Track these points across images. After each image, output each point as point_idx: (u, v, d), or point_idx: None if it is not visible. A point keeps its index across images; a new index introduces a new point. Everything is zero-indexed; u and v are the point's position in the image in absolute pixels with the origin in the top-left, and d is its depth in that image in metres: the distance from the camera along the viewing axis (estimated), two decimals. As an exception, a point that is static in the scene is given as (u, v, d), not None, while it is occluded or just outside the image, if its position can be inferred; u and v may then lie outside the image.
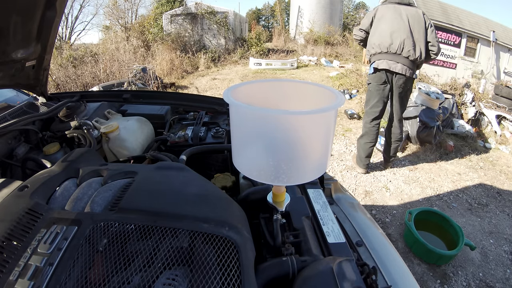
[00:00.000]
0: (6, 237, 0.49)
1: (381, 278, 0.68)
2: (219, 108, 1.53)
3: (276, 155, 0.50)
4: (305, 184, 0.85)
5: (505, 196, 2.89)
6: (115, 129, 1.16)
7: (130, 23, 11.89)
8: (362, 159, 3.00)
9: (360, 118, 4.71)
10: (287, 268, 0.52)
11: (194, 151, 1.03)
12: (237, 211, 0.62)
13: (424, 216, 2.18)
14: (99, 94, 1.91)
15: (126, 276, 0.44)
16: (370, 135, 2.85)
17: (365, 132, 2.87)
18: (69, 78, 6.62)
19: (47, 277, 0.44)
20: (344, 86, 6.50)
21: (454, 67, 7.75)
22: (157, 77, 6.84)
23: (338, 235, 0.66)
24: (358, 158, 3.06)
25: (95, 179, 0.70)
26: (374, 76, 2.66)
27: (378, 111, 2.76)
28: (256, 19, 25.18)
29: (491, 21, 8.08)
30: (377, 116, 2.78)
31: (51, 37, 1.25)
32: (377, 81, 2.65)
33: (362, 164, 3.04)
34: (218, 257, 0.47)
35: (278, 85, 0.64)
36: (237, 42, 11.28)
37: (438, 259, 1.97)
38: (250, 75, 8.25)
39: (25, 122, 1.19)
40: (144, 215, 0.54)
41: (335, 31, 14.09)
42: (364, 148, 2.92)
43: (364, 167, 3.06)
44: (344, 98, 0.52)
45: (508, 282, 1.93)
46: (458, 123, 4.26)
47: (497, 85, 5.88)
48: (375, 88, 2.69)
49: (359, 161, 3.05)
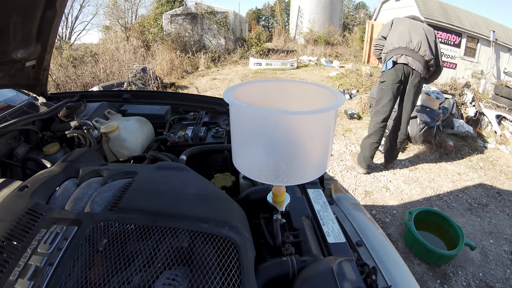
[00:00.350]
0: (6, 237, 0.49)
1: (381, 278, 0.68)
2: (219, 108, 1.53)
3: (276, 155, 0.50)
4: (305, 184, 0.85)
5: (505, 196, 2.89)
6: (115, 129, 1.16)
7: (130, 23, 11.89)
8: (366, 159, 2.95)
9: (360, 118, 4.71)
10: (287, 268, 0.52)
11: (194, 151, 1.03)
12: (237, 211, 0.62)
13: (424, 216, 2.18)
14: (99, 94, 1.91)
15: (126, 276, 0.44)
16: (377, 135, 2.80)
17: (373, 132, 2.81)
18: (69, 78, 6.62)
19: (47, 277, 0.44)
20: (344, 86, 6.50)
21: (454, 67, 7.76)
22: (157, 77, 6.84)
23: (338, 235, 0.66)
24: (361, 157, 3.00)
25: (95, 179, 0.70)
26: (390, 74, 2.59)
27: (388, 111, 2.71)
28: (256, 19, 25.18)
29: (491, 21, 8.09)
30: (387, 116, 2.74)
31: (51, 37, 1.25)
32: (392, 79, 2.59)
33: (365, 164, 3.00)
34: (218, 257, 0.47)
35: (278, 85, 0.64)
36: (237, 42, 11.28)
37: (438, 259, 1.97)
38: (250, 75, 8.25)
39: (25, 122, 1.19)
40: (144, 215, 0.54)
41: (335, 31, 14.10)
42: (370, 148, 2.87)
43: (366, 167, 3.03)
44: (344, 98, 0.52)
45: (508, 282, 1.93)
46: (458, 123, 4.26)
47: (497, 85, 5.88)
48: (390, 86, 2.63)
49: (362, 161, 3.00)
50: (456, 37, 7.63)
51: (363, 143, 2.94)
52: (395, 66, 2.57)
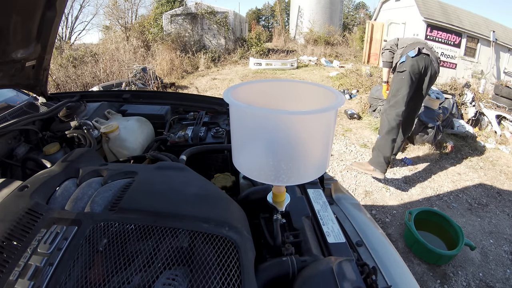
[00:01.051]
0: (6, 237, 0.49)
1: (381, 278, 0.68)
2: (219, 108, 1.53)
3: (276, 155, 0.50)
4: (305, 184, 0.85)
5: (505, 196, 2.89)
6: (115, 129, 1.16)
7: (130, 23, 11.88)
8: (386, 159, 2.67)
9: (360, 118, 4.71)
10: (287, 268, 0.52)
11: (194, 151, 1.03)
12: (237, 211, 0.62)
13: (424, 216, 2.18)
14: (99, 94, 1.91)
15: (126, 276, 0.44)
16: (397, 129, 2.60)
17: (393, 127, 2.58)
18: (69, 78, 6.62)
19: (47, 277, 0.44)
20: (344, 86, 6.50)
21: (454, 67, 7.75)
22: (157, 77, 6.84)
23: (338, 235, 0.66)
24: (379, 160, 2.70)
25: (95, 179, 0.70)
26: (412, 64, 2.44)
27: (407, 102, 2.54)
28: (256, 19, 25.18)
29: (491, 21, 8.08)
30: (405, 109, 2.57)
31: (51, 37, 1.25)
32: (414, 69, 2.44)
33: (386, 165, 2.71)
34: (218, 257, 0.47)
35: (278, 85, 0.64)
36: (237, 42, 11.29)
37: (438, 259, 1.97)
38: (250, 75, 8.25)
39: (25, 122, 1.19)
40: (144, 215, 0.54)
41: (335, 31, 14.11)
42: (391, 145, 2.63)
43: (386, 169, 2.75)
44: (344, 98, 0.52)
45: (508, 282, 1.93)
46: (458, 123, 4.26)
47: (497, 85, 5.88)
48: (409, 76, 2.46)
49: (381, 163, 2.70)
50: (456, 37, 7.63)
51: (381, 143, 2.67)
52: (419, 55, 2.44)
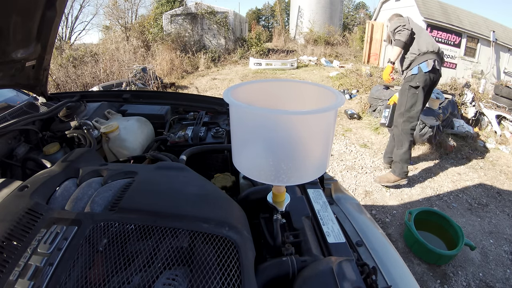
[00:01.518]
0: (6, 237, 0.49)
1: (381, 278, 0.68)
2: (219, 108, 1.53)
3: (276, 155, 0.50)
4: (305, 184, 0.85)
5: (505, 196, 2.89)
6: (115, 129, 1.16)
7: (130, 23, 11.89)
8: (405, 167, 2.77)
9: (360, 118, 4.71)
10: (287, 268, 0.52)
11: (194, 151, 1.03)
12: (237, 211, 0.62)
13: (424, 216, 2.18)
14: (99, 94, 1.91)
15: (126, 276, 0.44)
16: (412, 140, 2.73)
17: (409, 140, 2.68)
18: (69, 78, 6.62)
19: (47, 277, 0.44)
20: (344, 86, 6.50)
21: (454, 67, 7.76)
22: (157, 77, 6.84)
23: (338, 235, 0.66)
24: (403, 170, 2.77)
25: (95, 179, 0.70)
26: (424, 78, 2.49)
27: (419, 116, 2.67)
28: (256, 19, 25.20)
29: (491, 21, 8.09)
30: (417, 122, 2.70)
31: (51, 37, 1.25)
32: (426, 84, 2.53)
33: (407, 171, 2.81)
34: (218, 257, 0.47)
35: (278, 85, 0.64)
36: (237, 42, 11.29)
37: (438, 259, 1.97)
38: (250, 75, 8.25)
39: (25, 122, 1.19)
40: (144, 215, 0.54)
41: (335, 31, 14.12)
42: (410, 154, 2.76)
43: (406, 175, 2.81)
44: (344, 98, 0.52)
45: (508, 282, 1.92)
46: (458, 123, 4.26)
47: (497, 85, 5.88)
48: (423, 92, 2.55)
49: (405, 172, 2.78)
50: (456, 37, 7.64)
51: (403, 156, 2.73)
52: (432, 70, 2.49)
